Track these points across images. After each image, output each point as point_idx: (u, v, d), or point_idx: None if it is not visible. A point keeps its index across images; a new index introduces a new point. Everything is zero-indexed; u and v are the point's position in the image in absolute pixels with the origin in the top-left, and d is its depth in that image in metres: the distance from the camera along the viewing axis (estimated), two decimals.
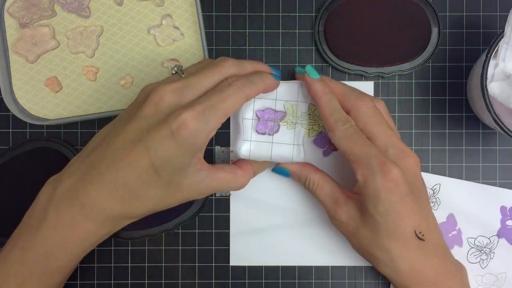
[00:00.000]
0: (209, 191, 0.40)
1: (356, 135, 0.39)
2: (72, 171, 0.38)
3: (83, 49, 0.47)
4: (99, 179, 0.36)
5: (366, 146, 0.39)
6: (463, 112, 0.48)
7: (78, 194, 0.36)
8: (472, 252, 0.46)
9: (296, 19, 0.48)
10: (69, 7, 0.47)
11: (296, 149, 0.44)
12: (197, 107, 0.35)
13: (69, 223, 0.37)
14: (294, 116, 0.44)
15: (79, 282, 0.47)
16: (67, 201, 0.37)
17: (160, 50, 0.47)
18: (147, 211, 0.38)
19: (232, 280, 0.47)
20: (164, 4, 0.47)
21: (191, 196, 0.39)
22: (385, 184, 0.37)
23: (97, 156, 0.37)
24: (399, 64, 0.46)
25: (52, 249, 0.37)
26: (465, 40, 0.48)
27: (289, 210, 0.47)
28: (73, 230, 0.37)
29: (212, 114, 0.36)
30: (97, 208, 0.37)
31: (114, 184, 0.36)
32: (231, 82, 0.37)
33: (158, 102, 0.36)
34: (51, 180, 0.39)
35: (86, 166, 0.37)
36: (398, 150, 0.40)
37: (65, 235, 0.37)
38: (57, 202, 0.37)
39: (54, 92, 0.46)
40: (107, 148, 0.37)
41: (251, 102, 0.44)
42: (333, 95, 0.41)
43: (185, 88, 0.37)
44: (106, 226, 0.38)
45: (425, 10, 0.46)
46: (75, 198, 0.37)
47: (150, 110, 0.36)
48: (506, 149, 0.47)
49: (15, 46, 0.46)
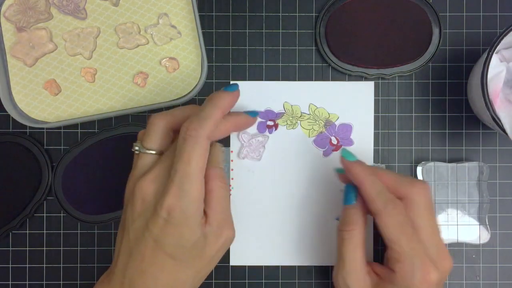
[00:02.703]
0: (228, 233, 0.39)
1: (406, 225, 0.37)
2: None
3: (80, 51, 0.46)
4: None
5: (414, 241, 0.37)
6: (463, 112, 0.47)
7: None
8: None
9: (296, 19, 0.47)
10: (66, 10, 0.46)
11: None
12: (172, 189, 0.36)
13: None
14: (294, 116, 0.44)
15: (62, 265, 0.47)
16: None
17: (158, 49, 0.47)
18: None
19: (232, 280, 0.47)
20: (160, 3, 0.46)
21: (219, 253, 0.40)
22: (422, 285, 0.36)
23: (122, 267, 0.38)
24: (400, 65, 0.46)
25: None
26: (465, 40, 0.47)
27: (289, 210, 0.47)
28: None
29: (186, 183, 0.36)
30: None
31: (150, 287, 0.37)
32: (184, 134, 0.37)
33: (143, 198, 0.37)
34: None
35: (119, 280, 0.38)
36: (440, 251, 0.38)
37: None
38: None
39: (53, 95, 0.46)
40: (127, 258, 0.38)
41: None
42: (375, 178, 0.38)
43: (160, 173, 0.38)
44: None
45: (426, 11, 0.46)
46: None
47: (140, 207, 0.37)
48: (506, 149, 0.47)
49: (13, 50, 0.46)
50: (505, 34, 0.39)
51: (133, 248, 0.37)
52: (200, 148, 0.36)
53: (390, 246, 0.37)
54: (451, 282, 0.47)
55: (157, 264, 0.37)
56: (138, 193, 0.37)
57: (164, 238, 0.36)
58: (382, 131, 0.47)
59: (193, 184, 0.36)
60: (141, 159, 0.39)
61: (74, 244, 0.47)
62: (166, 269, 0.37)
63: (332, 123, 0.47)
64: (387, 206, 0.37)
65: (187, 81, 0.46)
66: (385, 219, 0.37)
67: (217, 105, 0.38)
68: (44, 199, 0.46)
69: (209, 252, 0.38)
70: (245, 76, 0.47)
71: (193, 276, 0.38)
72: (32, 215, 0.46)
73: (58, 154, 0.47)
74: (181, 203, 0.36)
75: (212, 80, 0.47)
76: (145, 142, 0.40)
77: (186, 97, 0.46)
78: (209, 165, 0.39)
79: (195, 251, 0.37)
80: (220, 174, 0.39)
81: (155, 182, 0.37)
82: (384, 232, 0.37)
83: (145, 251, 0.37)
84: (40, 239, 0.47)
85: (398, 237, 0.36)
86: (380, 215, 0.37)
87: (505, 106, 0.42)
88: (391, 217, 0.37)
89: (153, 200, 0.37)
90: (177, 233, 0.36)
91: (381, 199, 0.37)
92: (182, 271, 0.38)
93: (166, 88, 0.46)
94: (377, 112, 0.47)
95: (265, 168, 0.47)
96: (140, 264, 0.37)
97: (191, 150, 0.36)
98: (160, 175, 0.37)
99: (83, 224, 0.47)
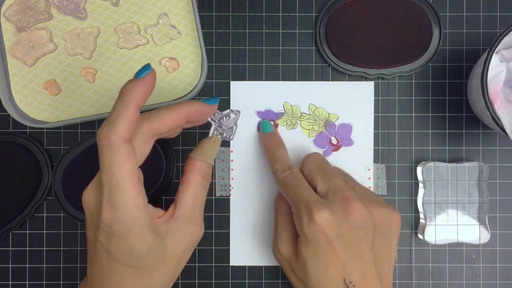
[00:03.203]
0: (195, 230, 0.38)
1: (292, 181, 0.40)
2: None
3: (80, 51, 0.46)
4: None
5: (300, 190, 0.38)
6: (463, 112, 0.47)
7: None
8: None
9: (296, 19, 0.47)
10: (66, 10, 0.46)
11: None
12: (104, 202, 0.33)
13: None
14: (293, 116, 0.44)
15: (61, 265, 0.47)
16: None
17: (158, 49, 0.47)
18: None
19: (232, 280, 0.47)
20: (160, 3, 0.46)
21: (187, 251, 0.38)
22: (310, 226, 0.36)
23: (90, 277, 0.37)
24: (400, 65, 0.46)
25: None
26: (465, 40, 0.47)
27: None
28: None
29: (116, 195, 0.33)
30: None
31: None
32: (99, 144, 0.33)
33: (88, 208, 0.35)
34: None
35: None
36: (339, 196, 0.38)
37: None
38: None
39: (53, 95, 0.46)
40: (90, 268, 0.37)
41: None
42: (281, 147, 0.43)
43: (99, 182, 0.35)
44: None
45: (426, 11, 0.46)
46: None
47: (89, 219, 0.36)
48: (506, 149, 0.47)
49: (13, 50, 0.46)
50: (505, 34, 0.39)
51: (92, 259, 0.36)
52: (119, 155, 0.32)
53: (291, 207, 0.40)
54: (451, 282, 0.47)
55: (115, 273, 0.35)
56: (83, 203, 0.36)
57: (114, 249, 0.34)
58: (382, 131, 0.47)
59: (125, 194, 0.33)
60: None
61: (74, 244, 0.47)
62: (125, 277, 0.35)
63: (332, 123, 0.47)
64: (277, 172, 0.41)
65: (187, 81, 0.46)
66: (277, 183, 0.41)
67: (126, 100, 0.33)
68: (44, 199, 0.46)
69: (173, 251, 0.36)
70: (245, 76, 0.47)
71: (160, 278, 0.37)
72: (32, 215, 0.46)
73: (58, 154, 0.47)
74: (117, 216, 0.33)
75: (212, 80, 0.47)
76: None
77: (186, 97, 0.46)
78: (196, 156, 0.38)
79: (154, 255, 0.35)
80: (202, 168, 0.37)
81: (95, 192, 0.35)
82: (283, 195, 0.41)
83: (102, 261, 0.35)
84: (40, 239, 0.47)
85: (286, 194, 0.40)
86: (275, 179, 0.42)
87: (505, 106, 0.42)
88: (280, 180, 0.41)
89: (94, 211, 0.35)
90: (125, 243, 0.34)
91: (274, 167, 0.42)
92: (144, 276, 0.36)
93: (166, 88, 0.46)
94: (377, 112, 0.47)
95: (265, 168, 0.47)
96: (101, 274, 0.36)
97: (110, 160, 0.32)
98: (100, 184, 0.34)
99: (83, 224, 0.47)
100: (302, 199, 0.38)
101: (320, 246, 0.36)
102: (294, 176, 0.40)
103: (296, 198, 0.38)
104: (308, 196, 0.38)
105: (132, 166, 0.33)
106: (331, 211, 0.36)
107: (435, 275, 0.47)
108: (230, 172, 0.47)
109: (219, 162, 0.47)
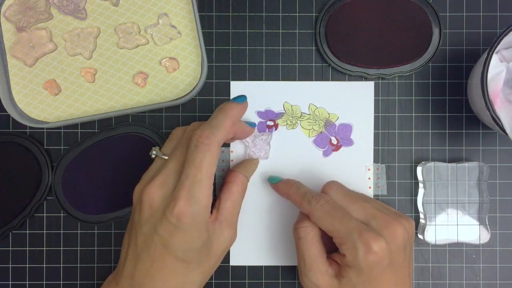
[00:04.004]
0: (233, 234, 0.41)
1: (334, 211, 0.39)
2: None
3: (80, 51, 0.46)
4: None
5: (346, 220, 0.38)
6: (463, 112, 0.47)
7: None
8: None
9: (296, 19, 0.47)
10: (66, 10, 0.46)
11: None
12: (182, 194, 0.36)
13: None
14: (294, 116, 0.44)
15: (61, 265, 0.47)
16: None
17: (158, 49, 0.47)
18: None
19: (232, 280, 0.47)
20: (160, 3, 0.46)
21: (224, 252, 0.41)
22: (369, 257, 0.37)
23: (130, 271, 0.38)
24: (400, 65, 0.46)
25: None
26: (465, 40, 0.47)
27: (289, 210, 0.47)
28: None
29: (197, 189, 0.37)
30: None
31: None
32: (196, 142, 0.37)
33: (151, 204, 0.38)
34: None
35: (127, 283, 0.39)
36: (380, 221, 0.39)
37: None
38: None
39: (53, 95, 0.46)
40: (135, 262, 0.38)
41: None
42: (299, 183, 0.43)
43: (167, 178, 0.38)
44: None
45: (426, 11, 0.46)
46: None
47: (148, 213, 0.38)
48: (506, 149, 0.47)
49: (13, 50, 0.46)
50: (505, 34, 0.39)
51: (142, 252, 0.38)
52: (211, 155, 0.37)
53: (331, 235, 0.39)
54: (451, 282, 0.47)
55: (166, 268, 0.37)
56: (146, 199, 0.38)
57: (174, 242, 0.37)
58: (382, 131, 0.47)
59: (203, 191, 0.37)
60: (155, 163, 0.40)
61: (74, 244, 0.47)
62: (176, 272, 0.38)
63: (332, 123, 0.47)
64: (311, 202, 0.40)
65: (187, 81, 0.46)
66: (315, 213, 0.40)
67: (228, 115, 0.39)
68: (44, 199, 0.46)
69: (215, 251, 0.39)
70: (245, 76, 0.47)
71: (201, 276, 0.39)
72: (32, 215, 0.46)
73: (58, 154, 0.47)
74: (191, 209, 0.36)
75: (212, 80, 0.47)
76: (165, 147, 0.41)
77: (186, 97, 0.46)
78: (240, 171, 0.43)
79: (203, 252, 0.38)
80: (243, 181, 0.42)
81: (163, 189, 0.38)
82: (320, 225, 0.40)
83: (154, 255, 0.37)
84: (40, 239, 0.47)
85: (331, 224, 0.39)
86: (310, 213, 0.40)
87: (505, 106, 0.42)
88: (318, 210, 0.39)
89: (161, 205, 0.37)
90: (187, 237, 0.37)
91: (305, 199, 0.41)
92: (191, 272, 0.38)
93: (166, 88, 0.46)
94: (377, 112, 0.47)
95: (265, 168, 0.47)
96: (149, 268, 0.37)
97: (203, 157, 0.37)
98: (168, 182, 0.38)
99: (83, 224, 0.47)
100: (354, 229, 0.38)
101: (374, 274, 0.38)
102: (333, 205, 0.40)
103: (345, 229, 0.38)
104: (358, 225, 0.38)
105: (214, 169, 0.38)
106: (385, 240, 0.37)
107: (435, 275, 0.47)
108: None
109: (219, 162, 0.47)
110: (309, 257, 0.40)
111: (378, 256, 0.37)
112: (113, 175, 0.46)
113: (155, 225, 0.37)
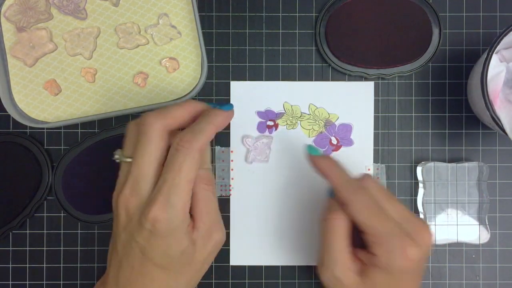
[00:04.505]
0: (216, 236, 0.39)
1: (374, 206, 0.37)
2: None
3: (80, 51, 0.46)
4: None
5: (387, 221, 0.37)
6: (463, 112, 0.47)
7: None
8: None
9: (296, 19, 0.47)
10: (66, 10, 0.46)
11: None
12: (158, 199, 0.35)
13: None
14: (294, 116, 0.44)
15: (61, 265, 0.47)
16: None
17: (158, 49, 0.47)
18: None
19: (232, 280, 0.47)
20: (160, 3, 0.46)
21: (210, 257, 0.39)
22: (404, 263, 0.36)
23: (114, 278, 0.38)
24: (400, 65, 0.46)
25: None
26: (465, 40, 0.47)
27: (289, 210, 0.47)
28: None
29: (174, 194, 0.35)
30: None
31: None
32: (177, 145, 0.36)
33: (126, 211, 0.37)
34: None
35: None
36: (414, 225, 0.37)
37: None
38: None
39: (53, 95, 0.46)
40: (117, 269, 0.38)
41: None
42: (342, 167, 0.39)
43: (137, 183, 0.37)
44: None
45: (426, 11, 0.46)
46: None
47: (125, 221, 0.37)
48: (506, 149, 0.47)
49: (13, 50, 0.46)
50: (505, 34, 0.39)
51: (122, 259, 0.37)
52: (191, 160, 0.36)
53: (366, 231, 0.37)
54: (451, 282, 0.47)
55: (146, 274, 0.37)
56: (120, 206, 0.37)
57: (151, 249, 0.36)
58: (382, 131, 0.47)
59: (181, 196, 0.36)
60: (123, 168, 0.39)
61: (74, 244, 0.47)
62: (156, 279, 0.37)
63: (332, 123, 0.47)
64: (356, 192, 0.37)
65: (187, 81, 0.46)
66: (355, 205, 0.37)
67: (212, 121, 0.38)
68: (44, 199, 0.46)
69: (199, 258, 0.38)
70: (245, 76, 0.47)
71: (185, 282, 0.38)
72: (32, 215, 0.46)
73: (58, 154, 0.47)
74: (167, 215, 0.35)
75: (212, 80, 0.47)
76: (125, 148, 0.39)
77: (186, 97, 0.46)
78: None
79: (184, 259, 0.37)
80: (204, 176, 0.39)
81: (134, 194, 0.37)
82: (357, 218, 0.37)
83: (134, 262, 0.37)
84: (40, 239, 0.47)
85: (371, 220, 0.37)
86: (350, 203, 0.37)
87: (505, 106, 0.42)
88: (360, 203, 0.37)
89: (136, 212, 0.36)
90: (163, 244, 0.36)
91: (350, 187, 0.38)
92: (172, 279, 0.37)
93: (166, 88, 0.46)
94: (377, 112, 0.47)
95: (265, 168, 0.47)
96: (130, 275, 0.37)
97: (183, 161, 0.36)
98: (139, 186, 0.37)
99: (83, 224, 0.47)
100: (392, 231, 0.36)
101: (401, 280, 0.37)
102: (374, 200, 0.38)
103: (384, 228, 0.37)
104: (396, 227, 0.37)
105: (194, 175, 0.36)
106: (420, 247, 0.37)
107: (435, 275, 0.47)
108: (230, 172, 0.47)
109: (219, 162, 0.47)
110: (337, 250, 0.38)
111: (412, 263, 0.36)
112: (113, 175, 0.46)
113: (132, 232, 0.36)
